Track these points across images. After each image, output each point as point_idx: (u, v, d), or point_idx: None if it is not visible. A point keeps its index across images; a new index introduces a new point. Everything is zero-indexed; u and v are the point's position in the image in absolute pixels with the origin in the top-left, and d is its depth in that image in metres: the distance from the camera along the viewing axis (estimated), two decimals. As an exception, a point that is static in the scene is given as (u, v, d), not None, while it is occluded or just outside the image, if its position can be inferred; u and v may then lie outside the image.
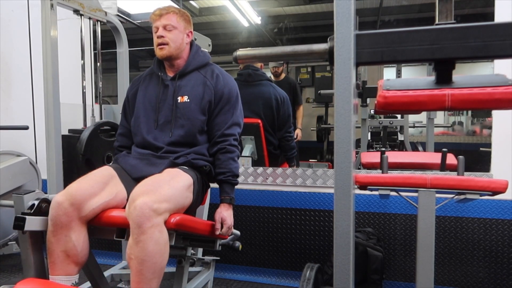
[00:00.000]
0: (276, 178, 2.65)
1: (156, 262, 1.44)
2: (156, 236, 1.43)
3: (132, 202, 1.46)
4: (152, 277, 1.45)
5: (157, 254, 1.44)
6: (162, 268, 1.48)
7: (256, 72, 2.94)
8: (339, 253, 1.11)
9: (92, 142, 2.19)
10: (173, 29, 1.84)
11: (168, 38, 1.82)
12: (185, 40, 1.89)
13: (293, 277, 2.64)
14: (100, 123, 2.33)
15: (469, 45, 1.08)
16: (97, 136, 2.25)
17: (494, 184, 1.38)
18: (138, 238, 1.42)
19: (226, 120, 1.83)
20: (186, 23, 1.89)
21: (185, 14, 1.92)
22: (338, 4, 1.07)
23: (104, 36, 2.55)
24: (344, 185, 1.11)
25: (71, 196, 1.53)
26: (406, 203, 2.37)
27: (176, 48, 1.85)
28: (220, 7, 5.06)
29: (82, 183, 1.59)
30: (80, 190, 1.55)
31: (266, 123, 2.89)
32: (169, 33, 1.83)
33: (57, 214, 1.51)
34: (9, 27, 3.25)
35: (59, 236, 1.51)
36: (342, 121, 1.09)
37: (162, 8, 1.86)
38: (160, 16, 1.84)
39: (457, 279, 2.35)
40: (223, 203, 1.78)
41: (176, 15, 1.85)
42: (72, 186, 1.57)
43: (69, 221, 1.51)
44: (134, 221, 1.43)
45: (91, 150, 2.19)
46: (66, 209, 1.51)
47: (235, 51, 1.49)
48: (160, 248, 1.45)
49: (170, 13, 1.84)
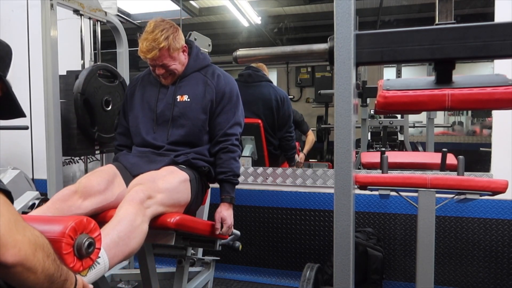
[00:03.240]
0: (276, 178, 2.65)
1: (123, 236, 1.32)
2: (138, 220, 1.37)
3: (127, 192, 1.48)
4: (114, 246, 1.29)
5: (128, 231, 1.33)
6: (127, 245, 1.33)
7: (256, 73, 2.94)
8: (339, 253, 1.11)
9: (90, 82, 2.15)
10: (171, 63, 1.76)
11: (169, 70, 1.78)
12: (183, 57, 1.82)
13: (293, 277, 2.64)
14: (99, 64, 2.30)
15: (469, 45, 1.08)
16: (96, 78, 2.20)
17: (494, 184, 1.38)
18: (123, 206, 1.40)
19: (228, 120, 1.83)
20: (177, 42, 1.76)
21: (173, 32, 1.74)
22: (338, 4, 1.07)
23: (104, 36, 2.55)
24: (344, 185, 1.11)
25: (83, 186, 1.54)
26: (406, 203, 2.37)
27: (180, 70, 1.82)
28: (220, 7, 5.05)
29: (91, 179, 1.60)
30: (89, 184, 1.56)
31: (266, 123, 2.89)
32: (169, 67, 1.77)
33: (62, 193, 1.52)
34: (9, 27, 3.25)
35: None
36: (342, 121, 1.09)
37: (150, 47, 1.68)
38: (153, 60, 1.73)
39: (457, 279, 2.35)
40: (224, 202, 1.78)
41: (166, 50, 1.71)
42: (82, 181, 1.58)
43: (70, 205, 1.51)
44: (125, 198, 1.43)
45: (90, 91, 2.15)
46: (71, 196, 1.52)
47: (235, 51, 1.49)
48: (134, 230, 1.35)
49: (160, 50, 1.70)
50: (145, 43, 1.70)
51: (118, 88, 2.36)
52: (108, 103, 2.28)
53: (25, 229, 0.76)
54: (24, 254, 0.72)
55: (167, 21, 1.78)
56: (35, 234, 0.79)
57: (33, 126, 2.80)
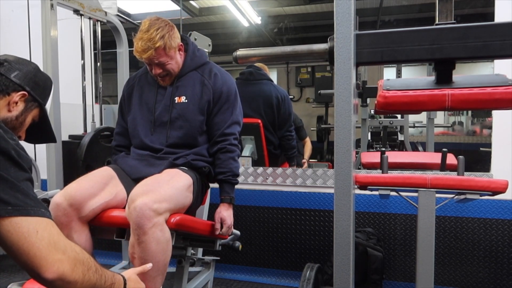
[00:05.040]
0: (276, 178, 2.65)
1: (159, 260, 1.45)
2: (158, 235, 1.43)
3: (132, 203, 1.45)
4: (156, 274, 1.46)
5: (160, 253, 1.45)
6: (166, 265, 1.50)
7: (258, 72, 2.95)
8: (339, 253, 1.11)
9: (92, 148, 2.20)
10: (168, 62, 1.73)
11: (166, 70, 1.75)
12: (179, 56, 1.79)
13: (293, 277, 2.64)
14: (100, 129, 2.33)
15: (469, 45, 1.08)
16: (97, 142, 2.25)
17: (494, 184, 1.38)
18: (140, 238, 1.42)
19: (225, 119, 1.81)
20: (173, 41, 1.72)
21: (168, 31, 1.70)
22: (338, 4, 1.07)
23: (104, 36, 2.55)
24: (344, 185, 1.11)
25: (70, 196, 1.52)
26: (406, 203, 2.37)
27: (177, 70, 1.79)
28: (220, 7, 5.06)
29: (81, 183, 1.58)
30: (79, 191, 1.54)
31: (267, 121, 2.89)
32: (165, 65, 1.73)
33: (57, 215, 1.50)
34: (9, 27, 3.25)
35: None
36: (342, 121, 1.10)
37: (145, 47, 1.65)
38: (149, 59, 1.69)
39: (457, 279, 2.35)
40: (223, 202, 1.77)
41: (162, 49, 1.68)
42: (71, 186, 1.56)
43: (69, 221, 1.51)
44: (134, 222, 1.43)
45: (91, 156, 2.20)
46: (65, 210, 1.51)
47: (235, 51, 1.49)
48: (163, 247, 1.45)
49: (156, 49, 1.66)
50: (140, 42, 1.65)
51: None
52: (109, 162, 2.30)
53: (66, 248, 0.88)
54: (62, 270, 0.85)
55: (162, 19, 1.74)
56: (76, 251, 0.91)
57: (33, 126, 2.80)
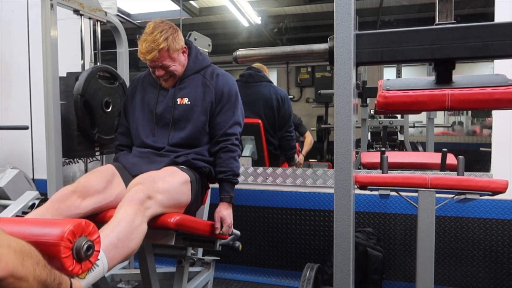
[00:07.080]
0: (276, 178, 2.65)
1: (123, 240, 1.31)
2: (137, 221, 1.37)
3: (127, 192, 1.48)
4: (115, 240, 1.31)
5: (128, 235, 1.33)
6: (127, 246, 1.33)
7: (257, 73, 2.95)
8: (339, 253, 1.11)
9: (90, 84, 2.15)
10: (171, 64, 1.76)
11: (169, 72, 1.78)
12: (183, 58, 1.82)
13: (293, 277, 2.64)
14: (99, 66, 2.30)
15: (469, 45, 1.08)
16: (96, 79, 2.20)
17: (494, 184, 1.38)
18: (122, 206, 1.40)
19: (227, 119, 1.83)
20: (177, 43, 1.75)
21: (172, 33, 1.74)
22: (338, 4, 1.07)
23: (104, 36, 2.54)
24: (344, 185, 1.11)
25: (81, 184, 1.54)
26: (406, 203, 2.37)
27: (180, 72, 1.81)
28: (220, 7, 5.05)
29: (90, 178, 1.59)
30: (89, 182, 1.56)
31: (267, 123, 2.89)
32: (168, 68, 1.76)
33: (61, 193, 1.51)
34: (9, 27, 3.25)
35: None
36: (342, 121, 1.10)
37: (149, 48, 1.68)
38: (153, 61, 1.72)
39: (457, 279, 2.35)
40: (223, 202, 1.78)
41: (165, 51, 1.71)
42: (81, 180, 1.58)
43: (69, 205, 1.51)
44: (124, 199, 1.43)
45: (90, 92, 2.15)
46: (70, 196, 1.52)
47: (235, 51, 1.49)
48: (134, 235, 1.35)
49: (160, 51, 1.69)
50: (145, 44, 1.69)
51: (118, 89, 2.36)
52: (108, 104, 2.28)
53: (9, 241, 0.77)
54: (12, 266, 0.73)
55: (167, 22, 1.78)
56: (21, 243, 0.79)
57: (33, 126, 2.81)
